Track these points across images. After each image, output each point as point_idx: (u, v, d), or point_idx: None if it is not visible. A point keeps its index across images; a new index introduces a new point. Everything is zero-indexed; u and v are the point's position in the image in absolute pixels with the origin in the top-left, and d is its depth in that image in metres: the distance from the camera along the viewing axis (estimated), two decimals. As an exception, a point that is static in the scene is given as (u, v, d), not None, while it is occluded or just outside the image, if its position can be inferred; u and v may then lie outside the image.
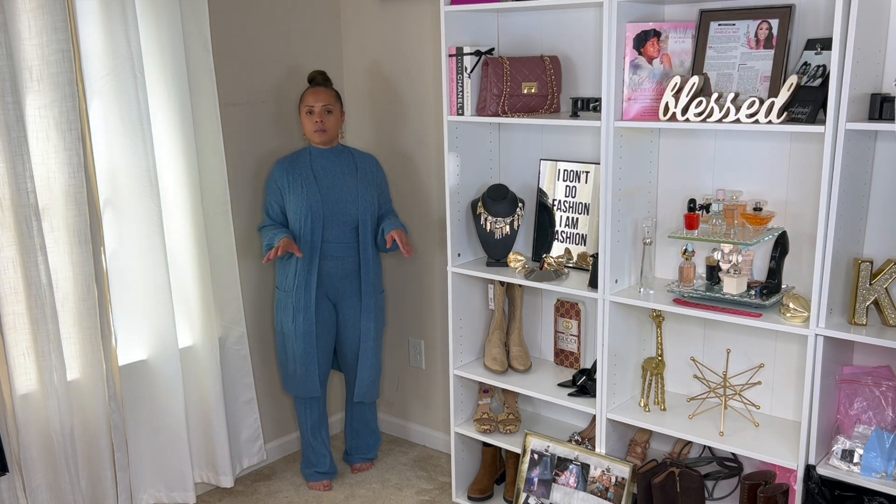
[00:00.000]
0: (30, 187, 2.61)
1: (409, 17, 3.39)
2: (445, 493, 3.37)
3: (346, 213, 3.16)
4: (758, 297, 2.44)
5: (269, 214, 3.21)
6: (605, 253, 2.61)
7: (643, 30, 2.46)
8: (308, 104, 3.13)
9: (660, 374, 2.71)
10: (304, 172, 3.15)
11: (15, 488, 2.74)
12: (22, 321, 2.68)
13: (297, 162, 3.18)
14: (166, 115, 2.99)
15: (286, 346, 3.25)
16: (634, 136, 2.60)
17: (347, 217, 3.17)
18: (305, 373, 3.25)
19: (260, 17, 3.35)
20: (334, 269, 3.20)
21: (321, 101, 3.13)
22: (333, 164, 3.19)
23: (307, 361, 3.23)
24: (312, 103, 3.12)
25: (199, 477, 3.32)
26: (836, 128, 2.14)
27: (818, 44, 2.29)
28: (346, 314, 3.29)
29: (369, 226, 3.21)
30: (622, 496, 2.67)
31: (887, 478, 2.23)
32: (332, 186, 3.16)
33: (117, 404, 2.95)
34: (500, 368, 3.04)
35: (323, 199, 3.13)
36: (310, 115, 3.13)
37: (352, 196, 3.17)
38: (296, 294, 3.16)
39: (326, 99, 3.14)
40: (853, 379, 2.39)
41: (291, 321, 3.19)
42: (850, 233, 2.30)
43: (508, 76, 2.77)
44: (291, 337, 3.21)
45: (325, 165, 3.18)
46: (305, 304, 3.17)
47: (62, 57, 2.62)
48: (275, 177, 3.18)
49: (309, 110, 3.13)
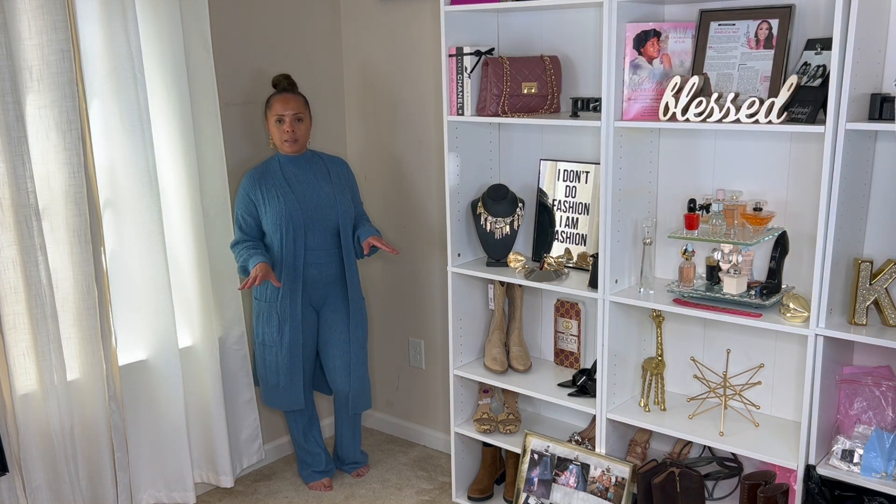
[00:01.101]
0: (30, 187, 2.61)
1: (409, 17, 3.39)
2: (445, 493, 3.37)
3: (325, 219, 3.09)
4: (758, 297, 2.44)
5: (241, 229, 3.09)
6: (605, 253, 2.61)
7: (643, 30, 2.46)
8: (277, 112, 3.02)
9: (660, 374, 2.71)
10: (276, 181, 3.05)
11: (15, 488, 2.74)
12: (22, 321, 2.68)
13: (268, 172, 3.07)
14: (166, 115, 2.99)
15: (267, 357, 3.17)
16: (634, 136, 2.60)
17: (328, 223, 3.10)
18: (290, 384, 3.19)
19: (260, 18, 3.36)
20: (318, 276, 3.14)
21: (291, 110, 3.02)
22: (305, 170, 3.11)
23: (292, 372, 3.18)
24: (282, 112, 3.01)
25: (198, 477, 3.32)
26: (836, 128, 2.14)
27: (818, 44, 2.29)
28: (330, 321, 3.22)
29: (349, 230, 3.16)
30: (622, 496, 2.67)
31: (887, 478, 2.23)
32: (308, 193, 3.07)
33: (117, 404, 2.95)
34: (500, 368, 3.04)
35: (301, 206, 3.05)
36: (279, 124, 3.02)
37: (329, 201, 3.10)
38: (280, 304, 3.10)
39: (296, 107, 3.04)
40: (853, 379, 2.39)
41: (277, 332, 3.12)
42: (850, 233, 2.30)
43: (508, 76, 2.77)
44: (276, 348, 3.14)
45: (297, 173, 3.09)
46: (292, 313, 3.11)
47: (62, 57, 2.62)
48: (246, 189, 3.07)
49: (279, 118, 3.02)
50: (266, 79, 3.39)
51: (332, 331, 3.23)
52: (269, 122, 3.06)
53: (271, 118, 3.05)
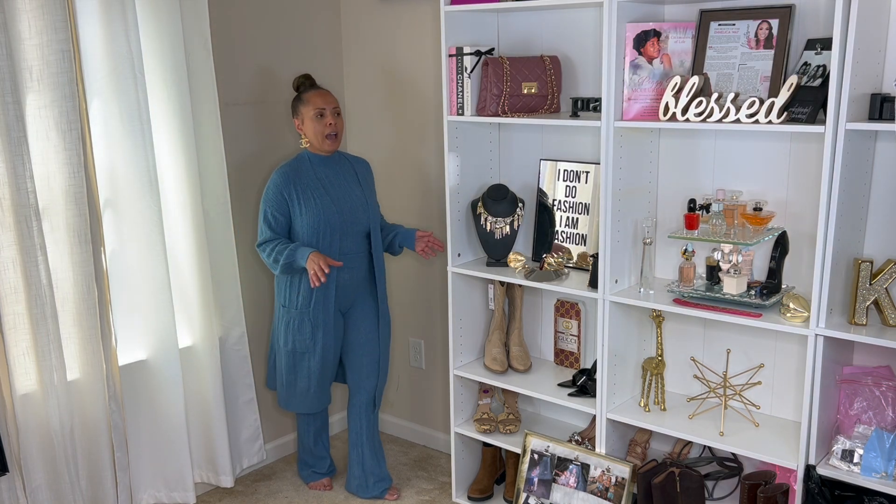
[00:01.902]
0: (30, 187, 2.61)
1: (409, 17, 3.39)
2: (445, 493, 3.37)
3: (358, 222, 3.02)
4: (758, 297, 2.44)
5: (271, 228, 2.95)
6: (605, 253, 2.61)
7: (643, 30, 2.46)
8: (317, 106, 2.93)
9: (660, 374, 2.71)
10: (310, 182, 2.96)
11: (15, 488, 2.74)
12: (22, 321, 2.68)
13: (301, 171, 2.97)
14: (166, 115, 2.99)
15: (298, 365, 3.10)
16: (634, 136, 2.60)
17: (359, 226, 3.03)
18: (319, 389, 3.14)
19: (260, 17, 3.35)
20: (349, 280, 3.08)
21: (331, 103, 2.95)
22: (336, 171, 3.03)
23: (323, 377, 3.13)
24: (322, 105, 2.93)
25: (199, 477, 3.32)
26: (836, 128, 2.14)
27: (818, 44, 2.29)
28: (358, 322, 3.16)
29: (379, 232, 3.10)
30: (622, 496, 2.67)
31: (887, 478, 2.23)
32: (341, 196, 2.99)
33: (117, 404, 2.95)
34: (500, 368, 3.04)
35: (337, 209, 2.96)
36: (320, 119, 2.93)
37: (361, 204, 3.04)
38: (313, 310, 3.02)
39: (334, 100, 2.97)
40: (853, 379, 2.39)
41: (310, 338, 3.05)
42: (850, 233, 2.30)
43: (508, 76, 2.77)
44: (308, 354, 3.07)
45: (328, 174, 3.00)
46: (325, 319, 3.04)
47: (62, 57, 2.62)
48: (279, 186, 2.94)
49: (319, 113, 2.93)
50: (266, 79, 3.39)
51: (359, 331, 3.17)
52: (305, 118, 2.95)
53: (307, 114, 2.93)
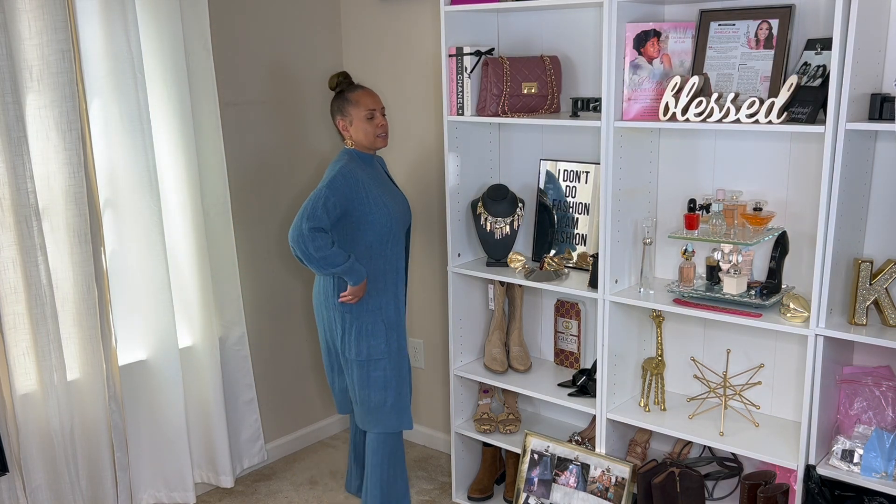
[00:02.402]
0: (30, 187, 2.61)
1: (409, 17, 3.39)
2: (445, 493, 3.37)
3: (405, 221, 2.94)
4: (758, 297, 2.44)
5: (328, 214, 2.68)
6: (605, 253, 2.61)
7: (643, 30, 2.46)
8: (369, 107, 2.79)
9: (660, 374, 2.71)
10: (370, 183, 2.81)
11: (15, 488, 2.74)
12: (22, 321, 2.68)
13: (360, 172, 2.80)
14: (166, 115, 2.99)
15: (372, 375, 2.87)
16: (634, 136, 2.60)
17: (405, 224, 2.95)
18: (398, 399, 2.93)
19: (260, 17, 3.35)
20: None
21: (380, 104, 2.84)
22: (376, 170, 2.89)
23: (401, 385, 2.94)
24: (374, 106, 2.80)
25: (199, 477, 3.32)
26: (836, 128, 2.14)
27: (818, 44, 2.29)
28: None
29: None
30: (622, 496, 2.67)
31: (887, 478, 2.23)
32: (392, 194, 2.88)
33: (117, 404, 2.95)
34: (500, 368, 3.04)
35: (398, 207, 2.87)
36: (371, 120, 2.80)
37: (403, 200, 2.96)
38: (385, 312, 2.87)
39: (380, 100, 2.86)
40: (853, 379, 2.39)
41: (384, 343, 2.87)
42: (850, 233, 2.30)
43: (508, 76, 2.77)
44: (384, 361, 2.87)
45: (373, 173, 2.86)
46: (397, 320, 2.90)
47: (62, 57, 2.62)
48: (358, 180, 2.76)
49: (370, 115, 2.79)
50: (266, 79, 3.39)
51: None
52: (355, 119, 2.80)
53: (357, 115, 2.79)
